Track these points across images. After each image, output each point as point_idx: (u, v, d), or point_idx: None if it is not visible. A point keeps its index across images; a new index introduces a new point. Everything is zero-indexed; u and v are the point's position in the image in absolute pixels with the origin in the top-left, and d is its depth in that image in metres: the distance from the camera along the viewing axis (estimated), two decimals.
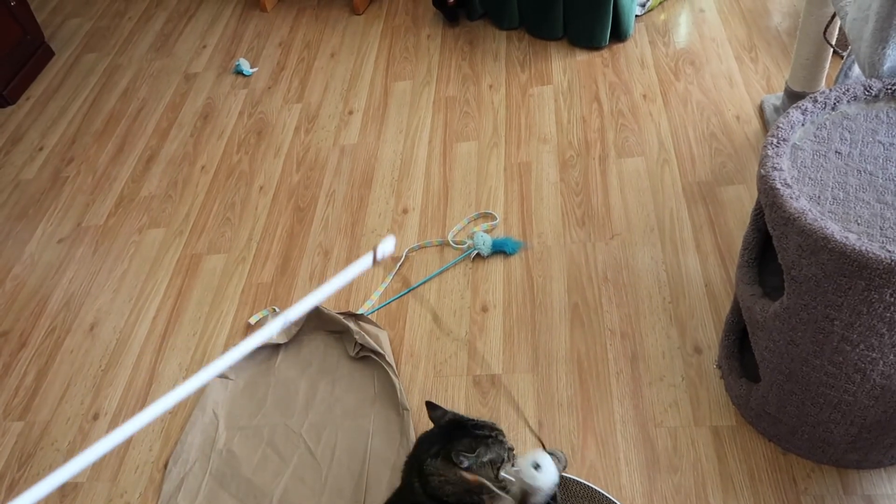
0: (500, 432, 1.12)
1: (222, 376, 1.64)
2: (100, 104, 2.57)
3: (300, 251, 1.91)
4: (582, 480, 1.33)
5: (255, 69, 2.57)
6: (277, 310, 1.74)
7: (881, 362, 1.06)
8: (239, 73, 2.57)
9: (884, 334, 1.01)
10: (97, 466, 1.56)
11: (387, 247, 1.03)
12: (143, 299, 1.89)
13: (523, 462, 1.08)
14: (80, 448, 1.60)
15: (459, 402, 1.52)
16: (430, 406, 1.19)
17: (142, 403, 1.65)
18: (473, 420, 1.14)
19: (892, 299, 0.96)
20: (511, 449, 1.12)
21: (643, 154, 1.94)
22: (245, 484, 1.47)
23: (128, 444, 1.59)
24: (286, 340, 1.67)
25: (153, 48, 2.80)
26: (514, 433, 1.44)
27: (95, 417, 1.66)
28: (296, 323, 1.69)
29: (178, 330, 1.79)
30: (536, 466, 1.02)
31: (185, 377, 1.68)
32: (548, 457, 1.07)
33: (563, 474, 1.34)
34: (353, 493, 1.41)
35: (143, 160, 2.31)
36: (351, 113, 2.31)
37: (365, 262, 1.02)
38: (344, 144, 2.20)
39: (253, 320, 1.75)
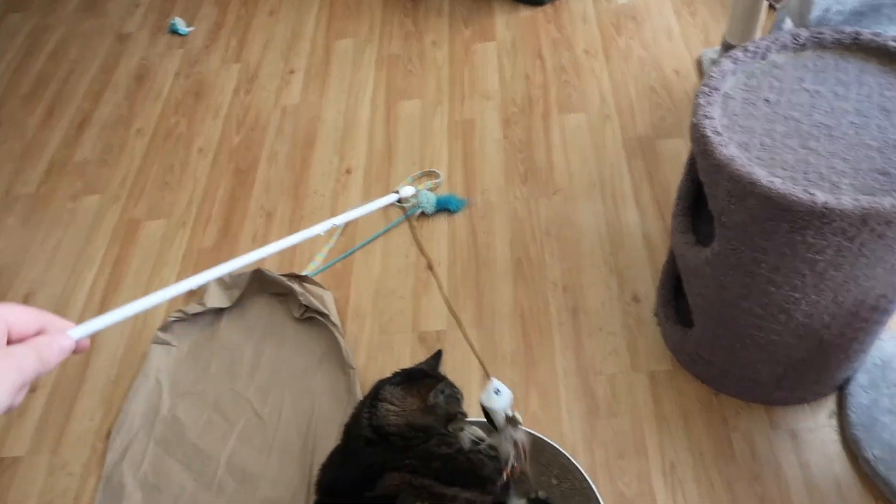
0: (460, 392, 1.11)
1: (164, 343, 1.61)
2: (27, 66, 2.45)
3: (242, 214, 1.88)
4: (525, 429, 1.36)
5: (191, 28, 2.48)
6: None
7: (803, 302, 1.10)
8: (174, 32, 2.47)
9: (806, 275, 1.05)
10: (36, 439, 1.53)
11: (408, 190, 1.07)
12: (80, 267, 1.83)
13: (487, 390, 1.08)
14: (18, 421, 1.56)
15: (405, 360, 1.52)
16: (436, 355, 1.17)
17: (81, 373, 1.62)
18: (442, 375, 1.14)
19: (814, 240, 1.00)
20: (465, 415, 1.10)
21: (585, 110, 1.95)
22: (191, 449, 1.46)
23: (68, 414, 1.56)
24: (229, 304, 1.65)
25: (82, 8, 2.67)
26: (462, 387, 1.46)
27: (33, 390, 1.61)
28: (239, 286, 1.67)
29: (118, 297, 1.75)
30: (497, 392, 1.05)
31: (127, 345, 1.65)
32: (501, 383, 1.08)
33: None
34: (301, 452, 1.42)
35: (74, 124, 2.22)
36: (292, 72, 2.25)
37: (388, 199, 1.06)
38: (285, 105, 2.15)
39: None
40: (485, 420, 1.08)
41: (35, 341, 0.58)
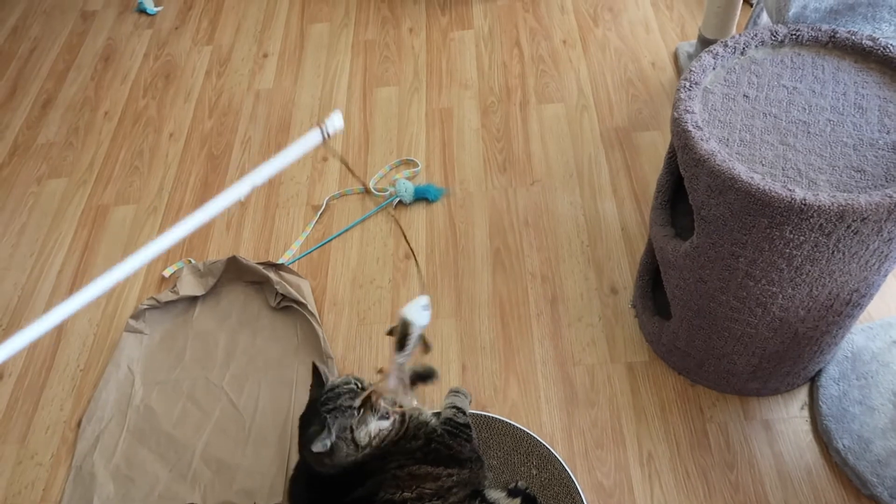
0: (346, 396, 1.09)
1: (136, 331, 1.58)
2: None
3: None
4: (504, 419, 1.37)
5: (159, 8, 2.42)
6: (193, 261, 1.68)
7: (780, 296, 1.12)
8: (142, 11, 2.40)
9: (783, 269, 1.07)
10: (4, 428, 1.49)
11: (335, 122, 0.93)
12: (45, 253, 1.78)
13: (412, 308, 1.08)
14: None
15: (384, 349, 1.52)
16: (314, 371, 1.16)
17: (49, 360, 1.57)
18: (328, 388, 1.11)
19: (792, 236, 1.01)
20: (353, 408, 1.08)
21: (563, 100, 1.96)
22: (165, 438, 1.43)
23: (36, 403, 1.52)
24: (203, 292, 1.62)
25: None
26: (441, 377, 1.46)
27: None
28: (213, 274, 1.64)
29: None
30: (425, 308, 1.05)
31: (97, 333, 1.61)
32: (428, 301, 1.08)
33: (487, 413, 1.38)
34: (278, 442, 1.41)
35: (38, 105, 2.15)
36: (265, 56, 2.21)
37: (313, 138, 0.92)
38: (259, 89, 2.11)
39: (168, 272, 1.69)
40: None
41: None
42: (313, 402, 1.12)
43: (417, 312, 1.04)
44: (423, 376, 1.27)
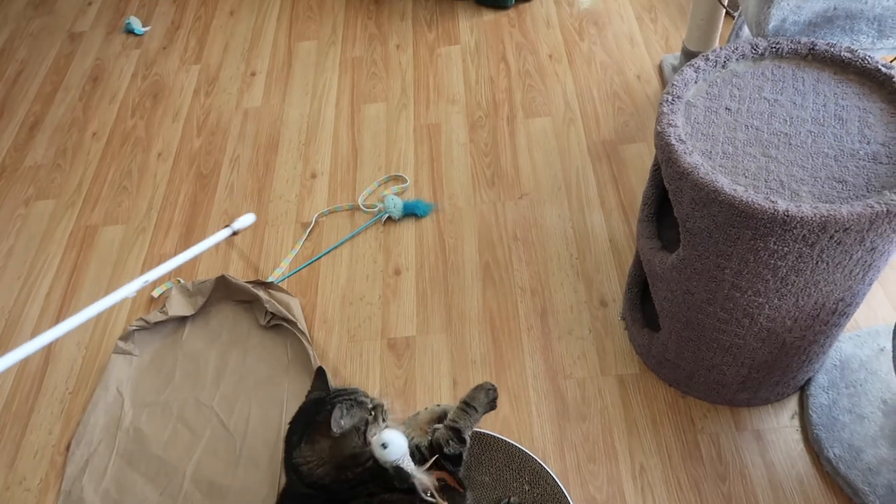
0: (361, 394, 1.09)
1: (125, 353, 1.57)
2: None
3: (204, 219, 1.84)
4: (496, 434, 1.36)
5: (147, 28, 2.42)
6: (182, 281, 1.67)
7: (766, 307, 1.13)
8: (130, 32, 2.41)
9: (768, 280, 1.08)
10: None
11: (245, 221, 0.99)
12: (33, 276, 1.77)
13: (374, 444, 1.07)
14: None
15: (374, 366, 1.52)
16: (319, 374, 1.15)
17: (38, 385, 1.56)
18: (335, 389, 1.10)
19: (776, 247, 1.02)
20: (377, 407, 1.08)
21: (550, 114, 1.97)
22: (155, 461, 1.42)
23: (24, 427, 1.50)
24: (192, 312, 1.62)
25: (31, 5, 2.58)
26: (431, 393, 1.46)
27: None
28: (202, 294, 1.63)
29: (76, 306, 1.70)
30: (384, 446, 1.03)
31: (85, 355, 1.60)
32: (392, 433, 1.06)
33: (478, 429, 1.37)
34: (269, 463, 1.40)
35: (25, 127, 2.15)
36: (253, 74, 2.22)
37: (222, 234, 0.97)
38: (247, 107, 2.12)
39: (156, 293, 1.68)
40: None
41: None
42: (319, 399, 1.09)
43: (381, 453, 1.02)
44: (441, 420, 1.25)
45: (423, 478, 1.06)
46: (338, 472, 1.03)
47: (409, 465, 1.04)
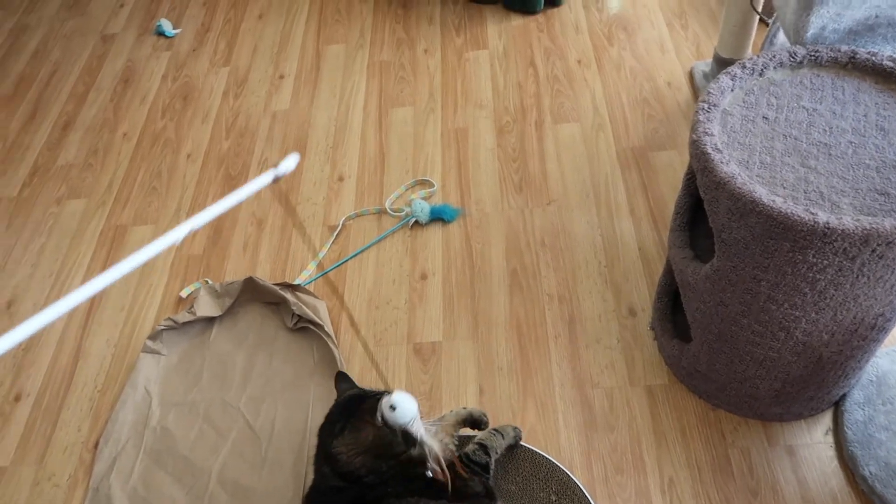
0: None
1: (153, 352, 1.58)
2: (7, 67, 2.40)
3: (232, 221, 1.85)
4: (522, 443, 1.35)
5: (178, 30, 2.45)
6: (210, 282, 1.68)
7: (804, 320, 1.11)
8: (161, 34, 2.44)
9: (806, 293, 1.06)
10: (22, 449, 1.49)
11: (288, 164, 0.96)
12: (64, 274, 1.79)
13: (383, 406, 1.07)
14: (2, 430, 1.52)
15: (400, 371, 1.51)
16: (340, 377, 1.17)
17: (68, 382, 1.58)
18: (373, 390, 1.12)
19: (815, 260, 1.00)
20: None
21: (578, 120, 1.96)
22: (182, 461, 1.43)
23: (54, 424, 1.52)
24: (220, 313, 1.62)
25: (65, 7, 2.62)
26: (457, 399, 1.46)
27: (17, 399, 1.58)
28: (230, 295, 1.64)
29: (105, 304, 1.72)
30: (392, 407, 1.03)
31: (115, 354, 1.61)
32: (401, 395, 1.05)
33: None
34: (294, 465, 1.40)
35: (58, 127, 2.18)
36: (282, 77, 2.23)
37: (264, 179, 0.95)
38: (275, 110, 2.13)
39: (185, 293, 1.69)
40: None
41: None
42: (357, 395, 1.11)
43: (388, 415, 1.02)
44: (474, 423, 1.30)
45: (432, 445, 1.05)
46: (375, 461, 1.04)
47: (418, 429, 1.04)
